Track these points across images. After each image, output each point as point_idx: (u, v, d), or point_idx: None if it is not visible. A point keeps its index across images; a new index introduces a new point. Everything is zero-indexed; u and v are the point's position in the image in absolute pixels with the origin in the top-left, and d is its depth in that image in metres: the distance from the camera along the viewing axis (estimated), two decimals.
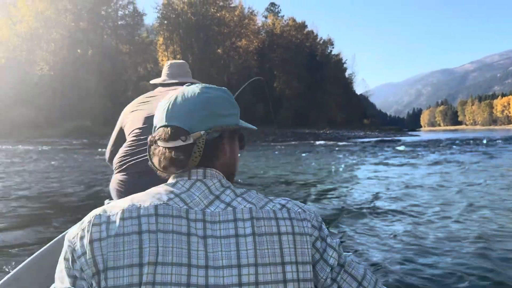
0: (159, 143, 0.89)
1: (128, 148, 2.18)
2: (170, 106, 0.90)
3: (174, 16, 53.72)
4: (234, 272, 0.79)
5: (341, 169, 12.23)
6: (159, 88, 2.47)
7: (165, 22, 53.72)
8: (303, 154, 19.70)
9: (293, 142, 33.21)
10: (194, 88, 0.93)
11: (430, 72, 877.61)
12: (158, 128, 0.91)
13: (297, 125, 60.91)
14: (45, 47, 49.47)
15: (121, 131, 2.38)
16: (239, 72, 63.15)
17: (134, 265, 0.76)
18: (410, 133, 69.57)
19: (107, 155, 2.47)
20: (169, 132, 0.88)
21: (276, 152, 21.57)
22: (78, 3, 50.10)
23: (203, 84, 0.98)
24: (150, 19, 58.59)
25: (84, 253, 0.79)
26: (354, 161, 15.33)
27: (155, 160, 0.91)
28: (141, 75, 55.47)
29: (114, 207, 0.84)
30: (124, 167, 2.14)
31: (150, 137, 0.92)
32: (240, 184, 8.33)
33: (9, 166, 12.69)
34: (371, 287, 0.90)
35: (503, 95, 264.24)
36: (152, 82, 2.61)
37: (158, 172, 0.92)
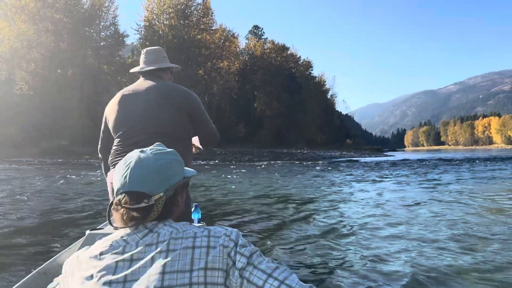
0: (124, 205, 1.07)
1: (116, 150, 2.49)
2: (129, 174, 1.07)
3: (155, 38, 54.52)
4: (143, 282, 0.97)
5: (275, 188, 12.78)
6: (139, 82, 2.65)
7: (147, 43, 54.45)
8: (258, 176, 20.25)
9: (263, 163, 33.73)
10: (149, 156, 1.10)
11: (415, 93, 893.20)
12: (121, 193, 1.08)
13: (277, 145, 61.67)
14: (25, 67, 49.76)
15: (106, 127, 2.64)
16: (221, 93, 64.05)
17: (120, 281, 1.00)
18: (386, 153, 70.60)
19: (99, 153, 2.75)
20: (133, 196, 1.05)
21: (244, 170, 22.09)
22: (59, 24, 50.69)
23: (156, 150, 1.14)
24: (134, 39, 58.94)
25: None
26: (298, 180, 15.92)
27: (117, 217, 1.09)
28: None
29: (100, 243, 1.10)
30: (114, 165, 2.47)
31: (114, 200, 1.09)
32: None
33: None
34: (281, 277, 1.01)
35: (484, 116, 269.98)
36: (131, 71, 2.80)
37: (115, 226, 1.12)
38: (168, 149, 1.16)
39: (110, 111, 2.58)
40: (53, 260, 2.55)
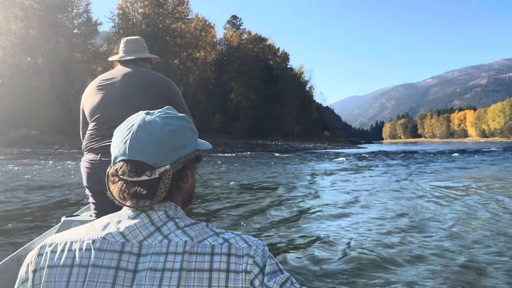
0: (121, 177, 0.87)
1: (91, 134, 2.41)
2: (131, 139, 0.87)
3: (129, 26, 53.60)
4: None
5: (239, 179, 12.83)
6: (117, 69, 2.55)
7: (121, 32, 53.48)
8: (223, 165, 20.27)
9: (232, 154, 33.75)
10: (156, 120, 0.90)
11: (394, 86, 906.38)
12: (119, 161, 0.88)
13: (253, 136, 61.73)
14: None
15: (84, 114, 2.57)
16: (197, 83, 63.56)
17: None
18: (359, 145, 71.56)
19: (81, 136, 2.65)
20: (133, 167, 0.85)
21: (219, 162, 22.06)
22: (29, 11, 49.30)
23: (164, 113, 0.94)
24: (107, 27, 57.77)
25: (26, 280, 0.83)
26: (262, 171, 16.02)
27: (115, 191, 0.89)
28: None
29: (60, 237, 0.86)
30: (89, 150, 2.39)
31: (110, 169, 0.90)
32: None
33: None
34: None
35: (460, 109, 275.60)
36: (110, 59, 2.73)
37: (116, 202, 0.91)
38: (180, 114, 0.97)
39: (87, 97, 2.51)
40: (26, 247, 2.49)
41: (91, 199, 2.47)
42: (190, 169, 0.94)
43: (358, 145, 72.39)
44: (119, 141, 0.89)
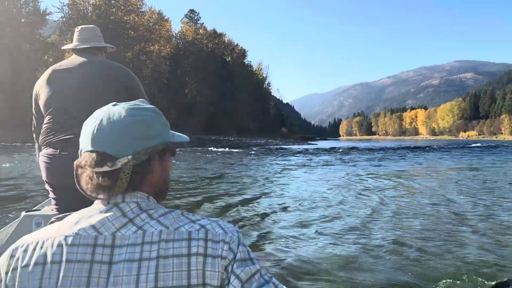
0: (86, 168, 0.87)
1: (48, 128, 2.30)
2: (95, 130, 0.87)
3: (79, 17, 52.16)
4: None
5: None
6: (72, 58, 2.44)
7: (70, 22, 51.96)
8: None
9: (181, 150, 33.85)
10: (120, 110, 0.89)
11: (352, 84, 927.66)
12: (84, 152, 0.88)
13: (207, 132, 61.79)
14: None
15: (38, 106, 2.43)
16: (150, 77, 62.75)
17: None
18: (309, 142, 73.35)
19: (33, 133, 2.53)
20: (95, 157, 0.85)
21: None
22: None
23: (131, 105, 0.93)
24: (56, 17, 55.71)
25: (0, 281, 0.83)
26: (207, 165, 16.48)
27: (83, 183, 0.89)
28: None
29: (32, 237, 0.86)
30: (47, 144, 2.28)
31: (76, 161, 0.89)
32: None
33: None
34: None
35: (412, 109, 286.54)
36: (64, 47, 2.58)
37: (86, 195, 0.91)
38: (150, 105, 0.97)
39: (41, 88, 2.38)
40: None
41: (51, 194, 2.40)
42: (159, 161, 0.93)
43: (309, 142, 73.99)
44: (85, 132, 0.89)
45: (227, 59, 79.31)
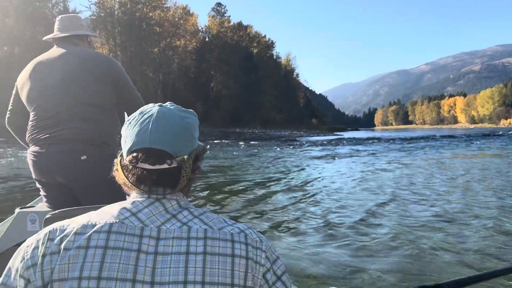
0: (141, 164, 0.88)
1: (33, 125, 2.23)
2: (151, 128, 0.89)
3: (105, 14, 53.60)
4: None
5: None
6: (52, 50, 2.34)
7: (98, 19, 53.49)
8: None
9: (214, 141, 34.42)
10: (174, 111, 0.93)
11: (388, 73, 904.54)
12: (136, 150, 0.89)
13: (232, 124, 62.25)
14: None
15: (18, 98, 2.34)
16: (177, 72, 63.73)
17: (74, 278, 0.78)
18: (336, 133, 72.18)
19: (6, 120, 2.44)
20: (155, 155, 0.88)
21: None
22: (4, 0, 49.15)
23: (178, 107, 0.97)
24: (85, 16, 57.40)
25: (34, 265, 0.81)
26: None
27: (131, 179, 0.91)
28: None
29: (72, 222, 0.87)
30: (33, 141, 2.22)
31: (129, 157, 0.90)
32: None
33: None
34: None
35: (451, 96, 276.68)
36: (45, 38, 2.47)
37: (125, 189, 0.94)
38: (189, 109, 1.01)
39: (23, 82, 2.29)
40: None
41: (42, 192, 2.37)
42: (200, 161, 0.98)
43: (335, 133, 72.95)
44: (136, 130, 0.90)
45: (254, 51, 79.27)
